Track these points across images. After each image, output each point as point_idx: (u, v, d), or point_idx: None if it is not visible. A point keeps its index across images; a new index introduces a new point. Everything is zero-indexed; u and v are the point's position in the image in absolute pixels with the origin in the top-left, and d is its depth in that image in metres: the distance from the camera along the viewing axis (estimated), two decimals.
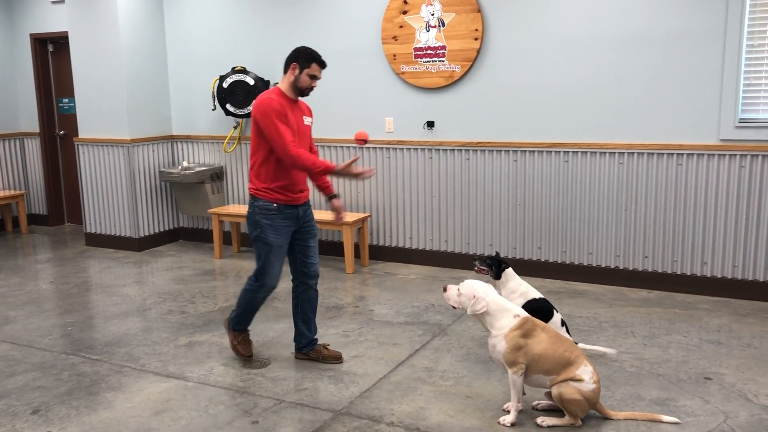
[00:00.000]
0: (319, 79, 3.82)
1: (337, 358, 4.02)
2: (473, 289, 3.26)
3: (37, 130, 8.00)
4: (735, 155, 4.88)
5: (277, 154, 3.67)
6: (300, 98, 3.88)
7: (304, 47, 3.84)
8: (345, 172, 3.73)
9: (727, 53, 4.78)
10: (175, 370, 3.96)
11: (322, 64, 3.81)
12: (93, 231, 7.05)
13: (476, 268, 4.02)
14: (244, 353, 4.06)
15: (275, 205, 3.77)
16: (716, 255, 5.04)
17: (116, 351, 4.26)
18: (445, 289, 3.36)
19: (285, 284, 5.59)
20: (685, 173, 5.04)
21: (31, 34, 7.77)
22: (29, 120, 8.04)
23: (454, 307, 3.34)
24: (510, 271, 3.97)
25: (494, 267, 3.94)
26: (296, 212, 3.84)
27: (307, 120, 3.91)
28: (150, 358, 4.13)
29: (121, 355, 4.19)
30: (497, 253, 4.15)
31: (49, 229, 8.03)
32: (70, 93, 7.73)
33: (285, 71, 3.81)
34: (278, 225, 3.78)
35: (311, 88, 3.81)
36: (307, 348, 4.06)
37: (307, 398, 3.57)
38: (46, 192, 8.10)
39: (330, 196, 4.04)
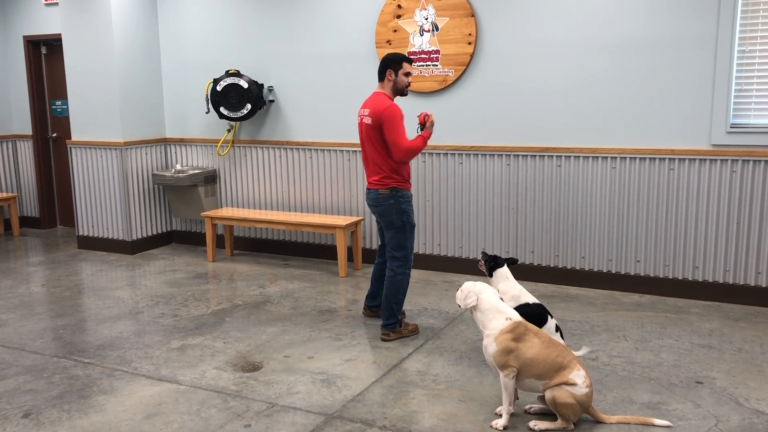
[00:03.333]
0: (413, 74, 4.45)
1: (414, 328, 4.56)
2: (472, 286, 3.36)
3: (30, 133, 7.97)
4: (726, 160, 4.90)
5: (393, 150, 4.22)
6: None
7: (391, 54, 4.35)
8: (428, 129, 4.36)
9: (719, 59, 4.81)
10: (167, 373, 3.95)
11: (410, 61, 4.34)
12: (85, 234, 7.03)
13: (480, 263, 4.08)
14: (414, 329, 4.49)
15: (409, 192, 4.39)
16: (708, 259, 5.07)
17: (108, 354, 4.25)
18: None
19: (278, 287, 5.60)
20: (677, 178, 5.07)
21: (24, 36, 7.75)
22: (22, 122, 8.01)
23: (459, 306, 3.41)
24: (503, 272, 3.95)
25: (488, 263, 3.94)
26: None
27: None
28: (142, 362, 4.12)
29: (113, 359, 4.17)
30: (514, 260, 4.14)
31: (41, 232, 8.00)
32: (63, 95, 7.72)
33: (381, 79, 4.35)
34: (412, 209, 4.42)
35: (409, 85, 4.36)
36: (378, 307, 4.68)
37: (300, 402, 3.56)
38: (39, 194, 8.07)
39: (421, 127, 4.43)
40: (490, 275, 3.96)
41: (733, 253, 4.99)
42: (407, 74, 4.30)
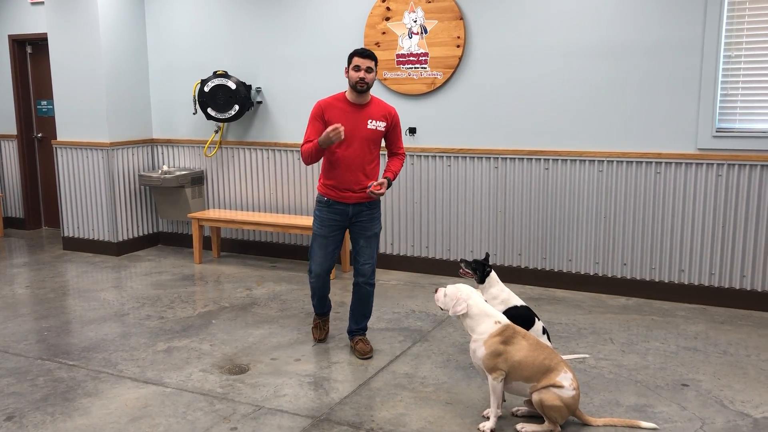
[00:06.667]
0: (365, 68, 3.92)
1: (362, 353, 4.17)
2: (458, 291, 3.32)
3: (15, 133, 7.90)
4: (712, 164, 4.94)
5: None
6: (376, 101, 4.11)
7: None
8: (325, 139, 3.84)
9: (705, 64, 4.85)
10: (153, 375, 3.92)
11: (361, 54, 3.96)
12: (71, 235, 6.97)
13: (461, 271, 4.01)
14: (317, 336, 4.44)
15: (326, 199, 4.11)
16: (693, 263, 5.10)
17: (93, 356, 4.21)
18: (435, 291, 3.41)
19: (265, 289, 5.58)
20: (664, 182, 5.10)
21: (9, 36, 7.68)
22: (6, 122, 7.94)
23: (441, 309, 3.37)
24: (493, 276, 3.95)
25: (478, 271, 3.93)
26: (346, 210, 4.08)
27: (372, 123, 4.04)
28: (127, 364, 4.09)
29: (98, 361, 4.14)
30: (487, 255, 4.13)
31: (26, 233, 7.92)
32: (48, 95, 7.66)
33: None
34: (324, 217, 4.12)
35: (362, 80, 3.93)
36: (350, 335, 4.34)
37: (287, 404, 3.55)
38: (23, 195, 7.99)
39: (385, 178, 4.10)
40: (482, 281, 3.94)
41: (719, 256, 5.02)
42: (356, 68, 3.94)
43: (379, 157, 4.19)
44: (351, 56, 3.98)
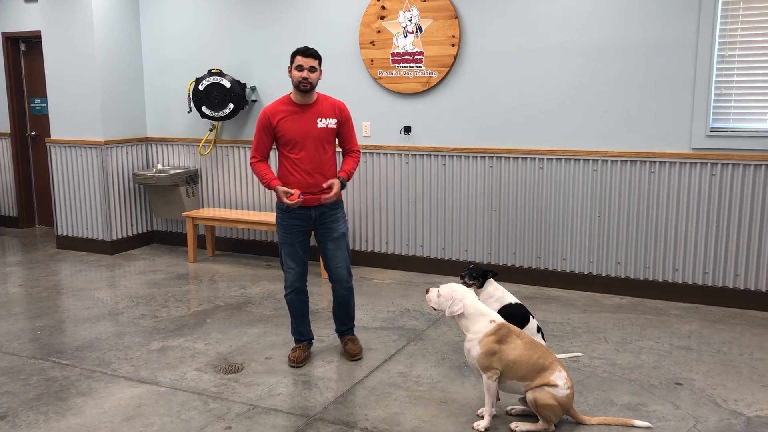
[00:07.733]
0: (308, 68, 3.81)
1: (352, 355, 4.13)
2: (452, 291, 3.31)
3: (8, 131, 7.87)
4: (706, 164, 4.95)
5: None
6: (323, 98, 3.97)
7: None
8: (281, 196, 3.83)
9: (699, 63, 4.86)
10: (147, 375, 3.91)
11: (303, 52, 3.85)
12: (64, 233, 6.95)
13: (468, 284, 3.95)
14: (294, 358, 4.06)
15: (282, 204, 3.93)
16: (687, 262, 5.12)
17: (87, 356, 4.20)
18: (427, 291, 3.40)
19: (260, 288, 5.57)
20: (658, 181, 5.11)
21: (2, 33, 7.65)
22: (0, 120, 7.90)
23: (434, 309, 3.37)
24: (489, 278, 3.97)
25: (480, 278, 3.93)
26: (308, 213, 3.94)
27: (322, 122, 3.90)
28: (121, 363, 4.08)
29: (92, 360, 4.13)
30: (469, 263, 4.13)
31: (19, 232, 7.89)
32: (42, 93, 7.63)
33: None
34: (286, 224, 3.95)
35: (304, 80, 3.81)
36: (339, 335, 4.29)
37: (281, 404, 3.55)
38: (17, 193, 7.96)
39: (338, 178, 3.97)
40: (482, 286, 3.94)
41: (712, 255, 5.04)
42: (299, 68, 3.80)
43: (335, 156, 4.03)
44: (293, 55, 3.85)
